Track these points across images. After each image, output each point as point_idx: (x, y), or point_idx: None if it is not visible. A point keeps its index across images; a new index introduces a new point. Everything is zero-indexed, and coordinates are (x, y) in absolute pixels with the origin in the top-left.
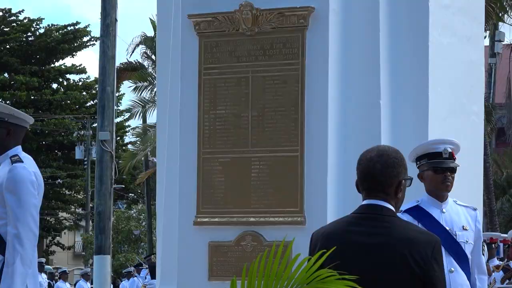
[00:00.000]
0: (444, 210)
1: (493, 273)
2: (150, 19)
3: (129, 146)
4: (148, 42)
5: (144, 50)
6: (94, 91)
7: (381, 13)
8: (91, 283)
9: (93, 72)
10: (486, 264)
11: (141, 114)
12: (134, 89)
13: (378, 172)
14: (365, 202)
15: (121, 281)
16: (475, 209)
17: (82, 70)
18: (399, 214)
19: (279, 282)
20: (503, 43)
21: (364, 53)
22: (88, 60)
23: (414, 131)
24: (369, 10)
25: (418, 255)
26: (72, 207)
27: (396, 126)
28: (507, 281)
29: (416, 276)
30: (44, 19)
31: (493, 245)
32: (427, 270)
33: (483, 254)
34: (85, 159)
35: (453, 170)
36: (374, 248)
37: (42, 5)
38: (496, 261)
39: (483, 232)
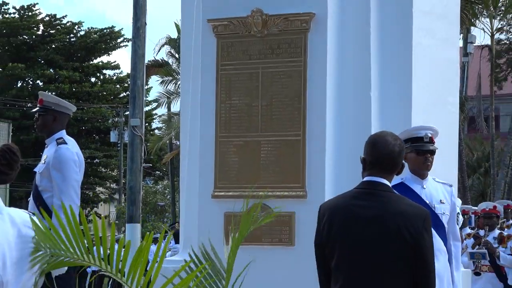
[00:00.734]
0: (424, 186)
1: (465, 240)
2: (175, 23)
3: (156, 131)
4: (172, 43)
5: (169, 50)
6: (126, 84)
7: (372, 18)
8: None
9: (125, 68)
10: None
11: (166, 104)
12: (161, 82)
13: (396, 155)
14: (366, 178)
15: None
16: (451, 186)
17: (116, 66)
18: None
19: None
20: (474, 44)
21: (357, 52)
22: (121, 58)
23: (400, 119)
24: (361, 16)
25: (411, 226)
26: (107, 182)
27: (384, 115)
28: (477, 246)
29: (408, 244)
30: (84, 22)
31: (465, 216)
32: (418, 239)
33: (457, 223)
34: (119, 142)
35: (432, 152)
36: (372, 220)
37: (82, 11)
38: (468, 230)
39: (457, 205)
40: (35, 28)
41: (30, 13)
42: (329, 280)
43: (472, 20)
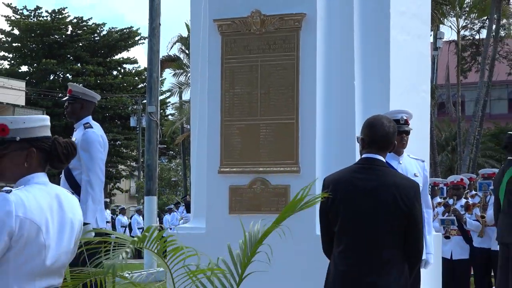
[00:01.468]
0: (400, 162)
1: (436, 208)
2: (185, 24)
3: (170, 117)
4: (183, 40)
5: (180, 47)
6: (143, 77)
7: (355, 18)
8: (143, 217)
9: (142, 62)
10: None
11: (178, 93)
12: (173, 75)
13: (391, 135)
14: (365, 155)
15: (164, 215)
16: (423, 161)
17: (135, 61)
18: None
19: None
20: (443, 40)
21: (342, 47)
22: (138, 54)
23: (379, 104)
24: (345, 16)
25: (404, 196)
26: (128, 161)
27: (366, 101)
28: (447, 214)
29: (402, 211)
30: (106, 23)
31: (436, 187)
32: (411, 207)
33: (429, 193)
34: (137, 126)
35: (407, 133)
36: (371, 191)
37: (104, 13)
38: (438, 199)
39: (428, 178)
40: (64, 29)
41: (60, 16)
42: (331, 242)
43: (441, 19)
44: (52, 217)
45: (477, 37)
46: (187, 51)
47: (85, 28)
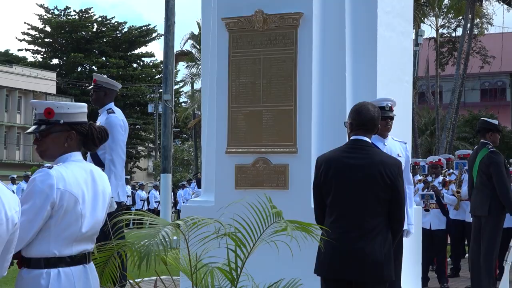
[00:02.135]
0: (385, 143)
1: (417, 184)
2: (197, 22)
3: (183, 104)
4: (194, 37)
5: (192, 42)
6: (160, 69)
7: (346, 16)
8: (159, 192)
9: (159, 56)
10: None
11: (190, 83)
12: (186, 67)
13: (376, 119)
14: (353, 137)
15: (178, 190)
16: (405, 143)
17: (152, 55)
18: None
19: None
20: (423, 37)
21: (335, 43)
22: (155, 48)
23: (367, 93)
24: (338, 15)
25: (389, 172)
26: (146, 143)
27: (355, 89)
28: (426, 189)
29: (388, 186)
30: (127, 22)
31: (416, 166)
32: (395, 181)
33: (411, 171)
34: (154, 112)
35: (392, 118)
36: (360, 167)
37: (125, 13)
38: (419, 177)
39: (410, 158)
40: (90, 26)
41: (86, 15)
42: (323, 213)
43: (422, 19)
44: (87, 189)
45: (453, 34)
46: (198, 47)
47: (108, 25)
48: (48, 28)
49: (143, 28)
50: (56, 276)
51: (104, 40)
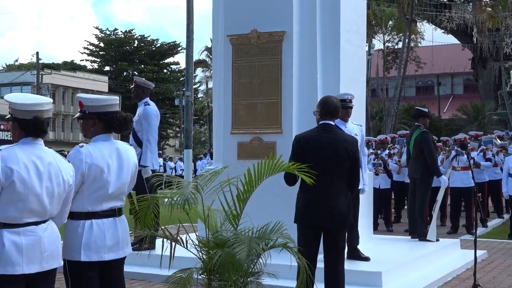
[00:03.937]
0: (346, 126)
1: (369, 156)
2: (210, 38)
3: (200, 98)
4: (208, 49)
5: (207, 53)
6: (183, 73)
7: (317, 33)
8: (183, 162)
9: (182, 64)
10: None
11: (206, 83)
12: (202, 71)
13: (338, 108)
14: (322, 122)
15: (197, 161)
16: (360, 125)
17: (177, 63)
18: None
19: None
20: (374, 49)
21: (309, 53)
22: (180, 58)
23: (332, 89)
24: (312, 33)
25: (351, 148)
26: (173, 127)
27: (325, 87)
28: (376, 159)
29: (349, 157)
30: (158, 39)
31: (369, 143)
32: (354, 154)
33: (365, 146)
34: (179, 105)
35: (351, 108)
36: (329, 144)
37: (156, 30)
38: (371, 150)
39: (364, 136)
40: (132, 42)
41: (129, 34)
42: (294, 178)
43: (373, 35)
44: (112, 161)
45: (396, 47)
46: (210, 56)
47: (145, 42)
48: (102, 44)
49: (171, 43)
50: (89, 226)
51: (143, 52)
